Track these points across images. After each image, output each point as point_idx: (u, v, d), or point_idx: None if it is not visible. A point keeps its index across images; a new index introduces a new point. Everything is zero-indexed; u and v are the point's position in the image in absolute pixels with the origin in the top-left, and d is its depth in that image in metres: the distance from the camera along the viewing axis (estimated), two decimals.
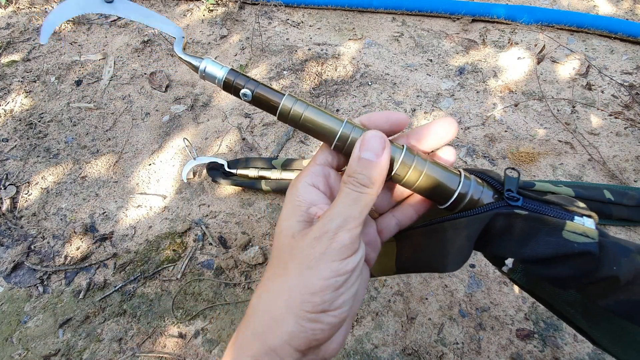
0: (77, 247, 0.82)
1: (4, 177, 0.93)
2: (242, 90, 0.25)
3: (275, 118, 0.26)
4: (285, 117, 0.26)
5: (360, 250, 0.24)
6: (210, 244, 0.81)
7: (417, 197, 0.30)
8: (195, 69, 0.26)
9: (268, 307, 0.24)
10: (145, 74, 1.12)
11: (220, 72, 0.25)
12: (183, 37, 0.27)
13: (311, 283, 0.23)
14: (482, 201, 0.26)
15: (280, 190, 0.84)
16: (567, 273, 0.24)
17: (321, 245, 0.23)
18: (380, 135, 0.25)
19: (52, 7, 1.29)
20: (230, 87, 0.26)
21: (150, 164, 0.94)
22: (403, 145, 0.26)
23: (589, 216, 0.25)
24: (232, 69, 0.26)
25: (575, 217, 0.25)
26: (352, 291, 0.24)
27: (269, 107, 0.26)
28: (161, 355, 0.69)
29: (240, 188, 0.87)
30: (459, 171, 0.26)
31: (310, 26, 1.22)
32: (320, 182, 0.27)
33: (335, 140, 0.26)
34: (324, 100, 1.02)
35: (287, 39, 1.18)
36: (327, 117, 0.26)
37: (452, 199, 0.26)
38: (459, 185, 0.25)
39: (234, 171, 0.86)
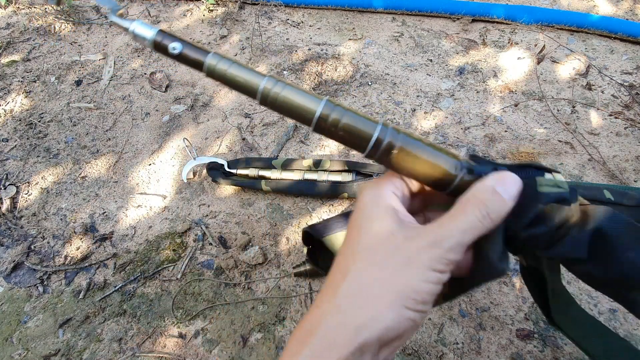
0: (77, 247, 0.82)
1: (4, 177, 0.93)
2: (171, 45, 0.27)
3: (203, 73, 0.28)
4: (212, 74, 0.27)
5: None
6: (210, 244, 0.81)
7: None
8: (126, 30, 0.27)
9: (366, 302, 0.24)
10: (145, 74, 1.12)
11: (149, 33, 0.27)
12: (119, 8, 0.29)
13: (417, 283, 0.24)
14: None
15: (280, 190, 0.84)
16: (548, 227, 0.26)
17: (432, 254, 0.24)
18: (520, 182, 0.26)
19: (52, 7, 1.29)
20: (159, 46, 0.27)
21: (150, 164, 0.94)
22: (325, 97, 0.27)
23: (557, 172, 0.27)
24: (161, 30, 0.27)
25: (545, 174, 0.27)
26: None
27: (196, 63, 0.28)
28: (161, 355, 0.69)
29: (240, 188, 0.87)
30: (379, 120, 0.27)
31: (310, 26, 1.22)
32: (399, 193, 0.28)
33: (259, 95, 0.27)
34: None
35: (287, 39, 1.18)
36: (250, 72, 0.27)
37: (371, 143, 0.26)
38: (376, 131, 0.26)
39: (234, 171, 0.86)
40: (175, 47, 0.27)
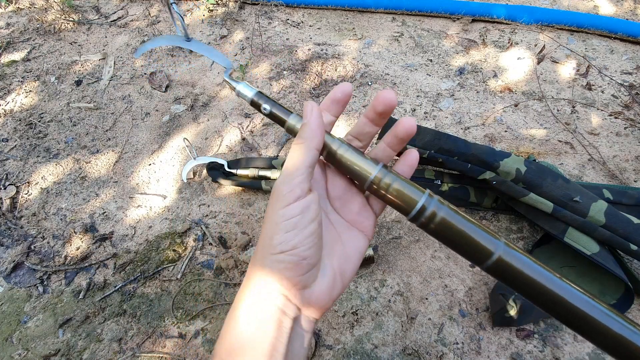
0: (77, 247, 0.82)
1: (4, 177, 0.93)
2: (263, 105, 0.34)
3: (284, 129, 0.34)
4: (291, 132, 0.33)
5: (305, 198, 0.28)
6: (210, 244, 0.81)
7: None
8: (233, 88, 0.35)
9: (254, 260, 0.29)
10: (145, 74, 1.12)
11: (250, 93, 0.34)
12: (232, 68, 0.37)
13: (269, 230, 0.28)
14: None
15: None
16: None
17: (271, 199, 0.28)
18: (311, 104, 0.31)
19: (52, 7, 1.29)
20: (255, 104, 0.34)
21: (150, 164, 0.94)
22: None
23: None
24: (259, 91, 0.35)
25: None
26: (306, 233, 0.27)
27: (280, 121, 0.34)
28: (161, 355, 0.69)
29: (240, 188, 0.87)
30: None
31: (310, 26, 1.22)
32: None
33: (324, 154, 0.32)
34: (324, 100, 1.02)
35: (287, 39, 1.18)
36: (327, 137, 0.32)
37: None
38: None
39: (234, 171, 0.86)
40: (266, 107, 0.34)
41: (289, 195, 0.27)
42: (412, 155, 0.32)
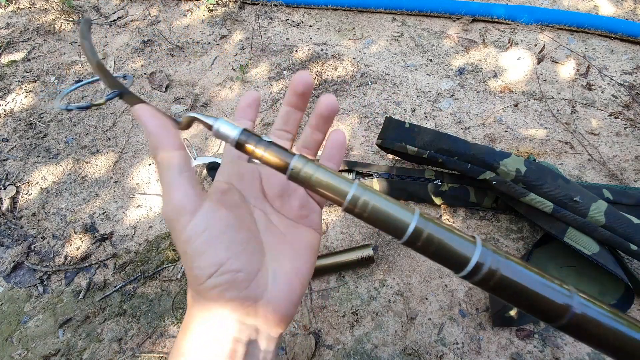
0: (77, 247, 0.82)
1: (4, 177, 0.93)
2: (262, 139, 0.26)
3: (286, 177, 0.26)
4: (295, 179, 0.25)
5: (201, 210, 0.24)
6: None
7: None
8: (209, 127, 0.28)
9: (190, 296, 0.26)
10: (145, 74, 1.12)
11: (233, 132, 0.27)
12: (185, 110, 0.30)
13: (185, 263, 0.24)
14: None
15: None
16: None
17: (170, 232, 0.25)
18: (140, 109, 0.26)
19: (52, 7, 1.29)
20: (241, 146, 0.26)
21: (150, 164, 0.94)
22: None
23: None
24: (245, 129, 0.26)
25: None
26: (224, 245, 0.24)
27: (280, 168, 0.25)
28: (161, 355, 0.69)
29: None
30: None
31: (310, 26, 1.22)
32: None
33: (346, 203, 0.25)
34: None
35: (287, 39, 1.18)
36: (338, 178, 0.25)
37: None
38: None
39: None
40: (264, 137, 0.26)
41: (181, 219, 0.23)
42: (337, 135, 0.29)
